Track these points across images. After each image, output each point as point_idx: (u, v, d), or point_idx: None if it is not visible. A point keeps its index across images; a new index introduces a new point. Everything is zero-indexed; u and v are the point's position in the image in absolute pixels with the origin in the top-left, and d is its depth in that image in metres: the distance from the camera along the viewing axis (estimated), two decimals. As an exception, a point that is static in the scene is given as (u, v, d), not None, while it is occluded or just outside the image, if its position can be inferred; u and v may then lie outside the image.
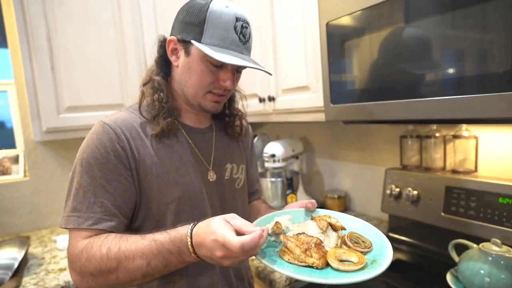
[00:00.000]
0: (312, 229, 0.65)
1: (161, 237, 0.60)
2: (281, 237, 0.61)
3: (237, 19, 0.69)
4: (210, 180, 0.81)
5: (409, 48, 0.86)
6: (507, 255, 0.86)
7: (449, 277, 0.95)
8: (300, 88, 1.31)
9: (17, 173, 1.65)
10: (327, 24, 1.06)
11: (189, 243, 0.57)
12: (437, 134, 1.20)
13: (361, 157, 1.56)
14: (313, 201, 0.75)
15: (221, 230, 0.53)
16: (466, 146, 1.12)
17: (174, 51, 0.75)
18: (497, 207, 0.99)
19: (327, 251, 0.58)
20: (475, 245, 0.93)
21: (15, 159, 1.66)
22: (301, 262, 0.55)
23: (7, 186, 1.60)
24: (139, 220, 0.73)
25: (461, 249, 0.97)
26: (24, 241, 1.36)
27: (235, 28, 0.69)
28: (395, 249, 1.24)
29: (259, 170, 1.88)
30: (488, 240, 0.92)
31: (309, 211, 0.75)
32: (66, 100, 1.39)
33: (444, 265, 1.01)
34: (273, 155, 1.61)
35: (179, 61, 0.74)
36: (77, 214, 0.65)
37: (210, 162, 0.82)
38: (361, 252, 0.58)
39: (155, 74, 0.78)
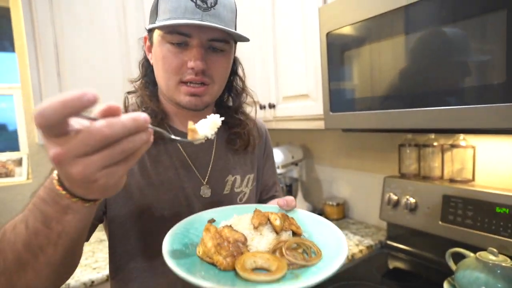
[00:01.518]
0: (243, 223, 0.54)
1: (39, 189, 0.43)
2: (206, 226, 0.52)
3: None
4: (204, 196, 0.71)
5: (408, 58, 0.88)
6: (503, 264, 0.87)
7: (446, 286, 0.95)
8: (301, 96, 1.33)
9: (20, 176, 1.67)
10: (327, 34, 1.09)
11: (56, 174, 0.38)
12: (435, 143, 1.22)
13: (360, 165, 1.57)
14: (289, 198, 0.63)
15: None
16: (464, 156, 1.14)
17: (149, 48, 0.69)
18: (494, 216, 1.00)
19: (243, 252, 0.47)
20: (472, 254, 0.94)
21: (19, 162, 1.68)
22: (210, 258, 0.46)
23: (10, 188, 1.62)
24: (114, 221, 0.66)
25: (458, 257, 0.98)
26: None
27: None
28: (393, 257, 1.26)
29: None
30: (485, 249, 0.93)
31: (282, 209, 0.63)
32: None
33: (441, 274, 1.02)
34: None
35: (152, 57, 0.67)
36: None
37: (206, 175, 0.72)
38: (297, 265, 0.46)
39: (136, 78, 0.73)
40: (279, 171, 1.64)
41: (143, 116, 0.32)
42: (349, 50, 1.04)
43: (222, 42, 0.63)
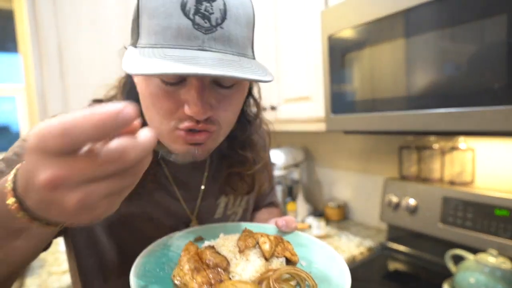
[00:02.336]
0: (228, 245, 0.46)
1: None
2: (186, 246, 0.46)
3: None
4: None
5: (408, 61, 0.89)
6: (503, 266, 0.87)
7: None
8: (302, 98, 1.34)
9: (22, 176, 1.68)
10: (329, 37, 1.10)
11: (8, 187, 0.27)
12: (435, 146, 1.23)
13: (361, 167, 1.58)
14: (289, 218, 0.54)
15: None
16: (464, 158, 1.15)
17: None
18: (494, 219, 1.01)
19: (222, 280, 0.40)
20: (471, 256, 0.95)
21: (21, 162, 1.69)
22: (184, 284, 0.39)
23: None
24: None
25: (458, 259, 0.98)
26: (27, 243, 1.38)
27: (183, 7, 0.39)
28: (393, 258, 1.27)
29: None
30: (484, 251, 0.94)
31: (281, 230, 0.54)
32: (74, 106, 1.43)
33: (441, 275, 1.03)
34: (273, 164, 1.64)
35: (137, 83, 0.49)
36: None
37: (194, 208, 0.60)
38: None
39: (112, 96, 0.57)
40: (280, 172, 1.65)
41: (154, 136, 0.25)
42: (350, 53, 1.06)
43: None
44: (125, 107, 0.22)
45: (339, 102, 1.12)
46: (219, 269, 0.41)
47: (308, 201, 1.85)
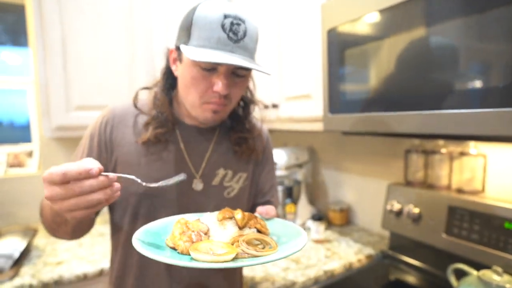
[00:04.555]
0: (211, 218, 0.58)
1: None
2: (178, 219, 0.58)
3: (226, 16, 0.64)
4: (196, 189, 0.77)
5: (413, 57, 0.82)
6: (507, 286, 0.79)
7: (443, 304, 0.89)
8: (303, 97, 1.28)
9: (31, 167, 1.73)
10: (328, 31, 1.04)
11: None
12: (443, 150, 1.14)
13: (366, 170, 1.50)
14: (270, 207, 0.66)
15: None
16: (474, 165, 1.05)
17: (175, 60, 0.74)
18: (503, 232, 0.92)
19: (202, 240, 0.52)
20: (474, 272, 0.87)
21: (30, 154, 1.74)
22: (174, 244, 0.52)
23: (22, 179, 1.68)
24: (113, 205, 0.79)
25: (460, 274, 0.91)
26: (28, 232, 1.41)
27: (222, 25, 0.63)
28: (394, 268, 1.19)
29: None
30: (489, 267, 0.86)
31: (262, 216, 0.66)
32: (76, 99, 1.44)
33: (442, 290, 0.95)
34: (275, 163, 1.59)
35: (178, 70, 0.73)
36: None
37: (199, 168, 0.78)
38: (249, 254, 0.49)
39: (158, 86, 0.78)
40: (281, 172, 1.60)
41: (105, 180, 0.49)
42: (350, 48, 0.99)
43: (246, 69, 0.69)
44: (93, 168, 0.47)
45: (337, 101, 1.06)
46: (201, 233, 0.54)
47: (311, 203, 1.78)
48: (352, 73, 1.00)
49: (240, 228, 0.55)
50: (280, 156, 1.60)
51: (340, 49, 1.02)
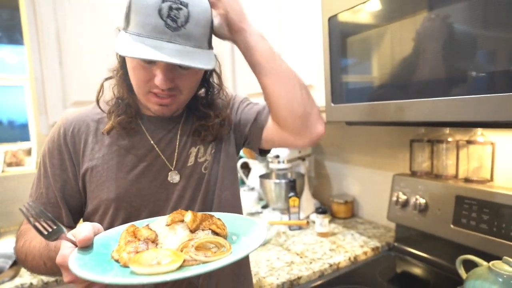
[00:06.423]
0: (162, 222, 0.53)
1: (52, 243, 0.57)
2: (127, 227, 0.54)
3: (164, 0, 0.56)
4: (172, 182, 0.72)
5: (418, 43, 0.78)
6: (519, 276, 0.77)
7: (453, 296, 0.86)
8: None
9: (30, 165, 1.71)
10: (329, 18, 1.01)
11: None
12: (449, 139, 1.11)
13: (371, 161, 1.47)
14: None
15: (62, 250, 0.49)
16: (481, 153, 1.03)
17: None
18: (513, 222, 0.89)
19: (148, 249, 0.48)
20: (484, 263, 0.85)
21: (29, 152, 1.72)
22: (119, 255, 0.47)
23: (20, 177, 1.66)
24: (90, 216, 0.72)
25: (470, 265, 0.88)
26: (29, 232, 1.40)
27: (159, 11, 0.56)
28: (400, 260, 1.17)
29: (265, 171, 1.83)
30: (499, 258, 0.83)
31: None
32: (73, 95, 1.42)
33: (451, 281, 0.93)
34: (277, 156, 1.56)
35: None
36: (30, 200, 0.71)
37: (173, 160, 0.74)
38: (197, 261, 0.46)
39: (115, 68, 0.73)
40: (284, 165, 1.58)
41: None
42: (352, 36, 0.96)
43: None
44: (87, 237, 0.48)
45: (340, 90, 1.02)
46: (148, 241, 0.49)
47: (315, 196, 1.76)
48: (355, 61, 0.97)
49: (192, 231, 0.50)
50: (282, 149, 1.57)
51: (342, 37, 0.99)
